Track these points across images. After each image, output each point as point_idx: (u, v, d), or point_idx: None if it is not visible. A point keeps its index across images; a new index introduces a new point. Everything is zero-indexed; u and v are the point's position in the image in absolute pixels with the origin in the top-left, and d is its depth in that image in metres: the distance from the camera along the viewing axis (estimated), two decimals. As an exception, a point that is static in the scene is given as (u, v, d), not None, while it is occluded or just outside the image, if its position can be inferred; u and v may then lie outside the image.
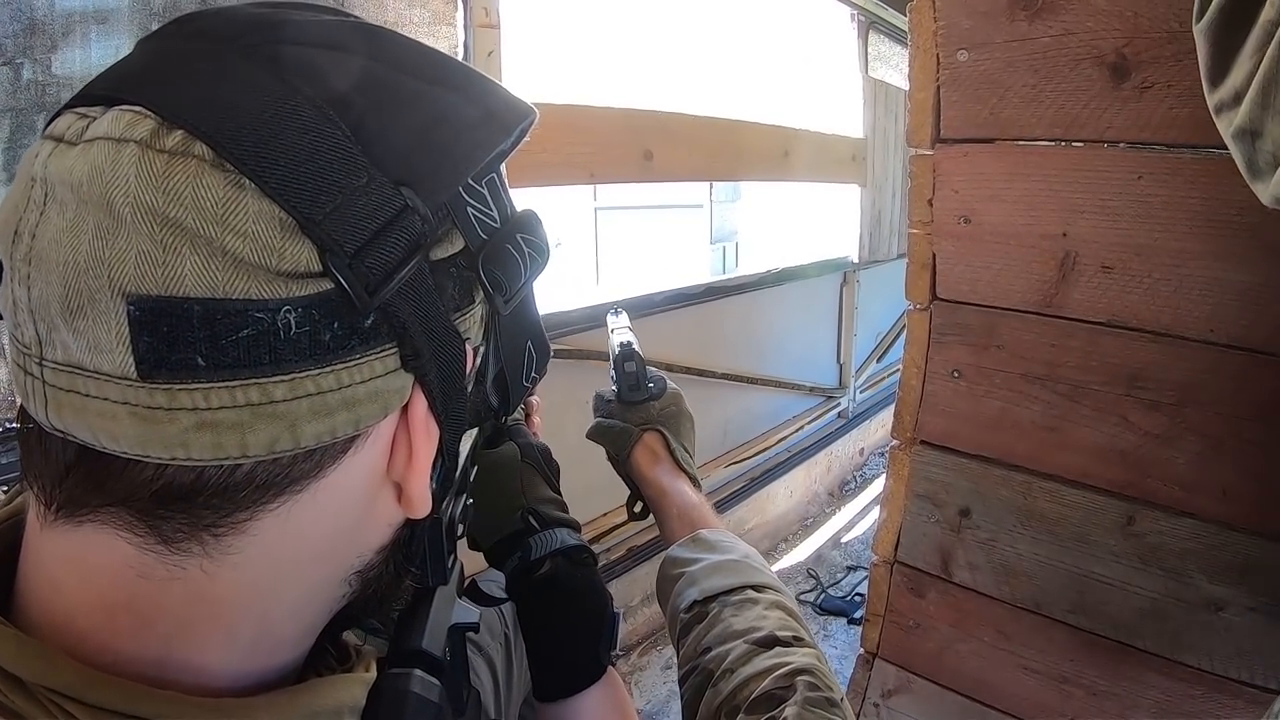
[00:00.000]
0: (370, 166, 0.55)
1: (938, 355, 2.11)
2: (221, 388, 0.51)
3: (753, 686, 1.00)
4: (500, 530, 1.24)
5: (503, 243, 0.67)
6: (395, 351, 0.58)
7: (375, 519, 0.67)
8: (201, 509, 0.54)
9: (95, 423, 0.51)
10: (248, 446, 0.52)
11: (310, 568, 0.63)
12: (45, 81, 1.89)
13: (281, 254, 0.51)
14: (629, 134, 3.82)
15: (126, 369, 0.50)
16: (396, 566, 0.72)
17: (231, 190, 0.50)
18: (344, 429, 0.56)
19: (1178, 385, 1.77)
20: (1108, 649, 1.96)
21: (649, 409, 1.52)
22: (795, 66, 8.35)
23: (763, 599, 1.16)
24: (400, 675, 0.71)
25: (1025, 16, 1.81)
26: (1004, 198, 1.92)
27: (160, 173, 0.49)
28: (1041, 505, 1.99)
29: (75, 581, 0.56)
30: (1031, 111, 1.85)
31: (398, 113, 0.59)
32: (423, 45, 0.67)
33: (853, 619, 4.15)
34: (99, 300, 0.49)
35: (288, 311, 0.51)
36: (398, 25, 2.53)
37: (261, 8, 0.64)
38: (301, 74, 0.56)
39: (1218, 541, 1.77)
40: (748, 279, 5.02)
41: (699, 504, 1.39)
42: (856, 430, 6.22)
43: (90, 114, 0.54)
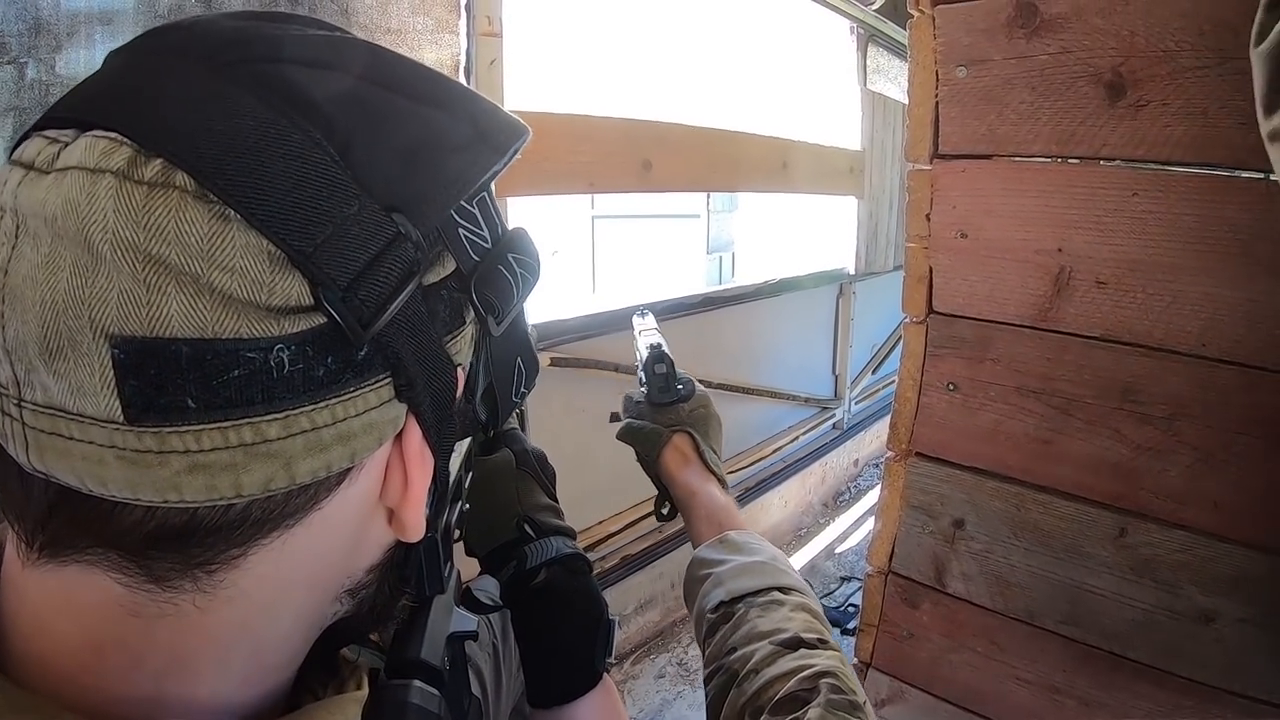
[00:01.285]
0: (360, 193, 0.53)
1: (933, 368, 2.12)
2: (214, 429, 0.49)
3: (777, 687, 1.00)
4: (496, 538, 1.24)
5: (495, 264, 0.66)
6: (389, 382, 0.57)
7: (367, 543, 0.66)
8: (194, 548, 0.53)
9: (81, 466, 0.49)
10: (242, 486, 0.51)
11: (303, 594, 0.62)
12: (49, 81, 1.89)
13: (272, 289, 0.50)
14: (628, 144, 3.82)
15: (113, 413, 0.48)
16: (390, 586, 0.71)
17: (217, 223, 0.48)
18: (339, 463, 0.55)
19: (1170, 399, 1.78)
20: (1100, 660, 1.97)
21: (678, 410, 1.53)
22: (794, 79, 8.38)
23: (789, 601, 1.17)
24: (399, 686, 0.70)
25: (1024, 34, 1.83)
26: (1000, 213, 1.94)
27: (140, 206, 0.47)
28: (1035, 517, 2.01)
29: (62, 621, 0.54)
30: (1029, 128, 1.86)
31: (387, 135, 0.57)
32: (412, 62, 0.65)
33: (846, 629, 4.14)
34: (80, 342, 0.47)
35: (280, 350, 0.50)
36: (401, 33, 2.53)
37: (243, 20, 0.61)
38: (287, 95, 0.54)
39: (1209, 554, 1.79)
40: (744, 290, 5.02)
41: (727, 506, 1.39)
42: (851, 441, 6.22)
43: (61, 138, 0.52)
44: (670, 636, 4.11)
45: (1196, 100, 1.65)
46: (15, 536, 0.55)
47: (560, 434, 1.51)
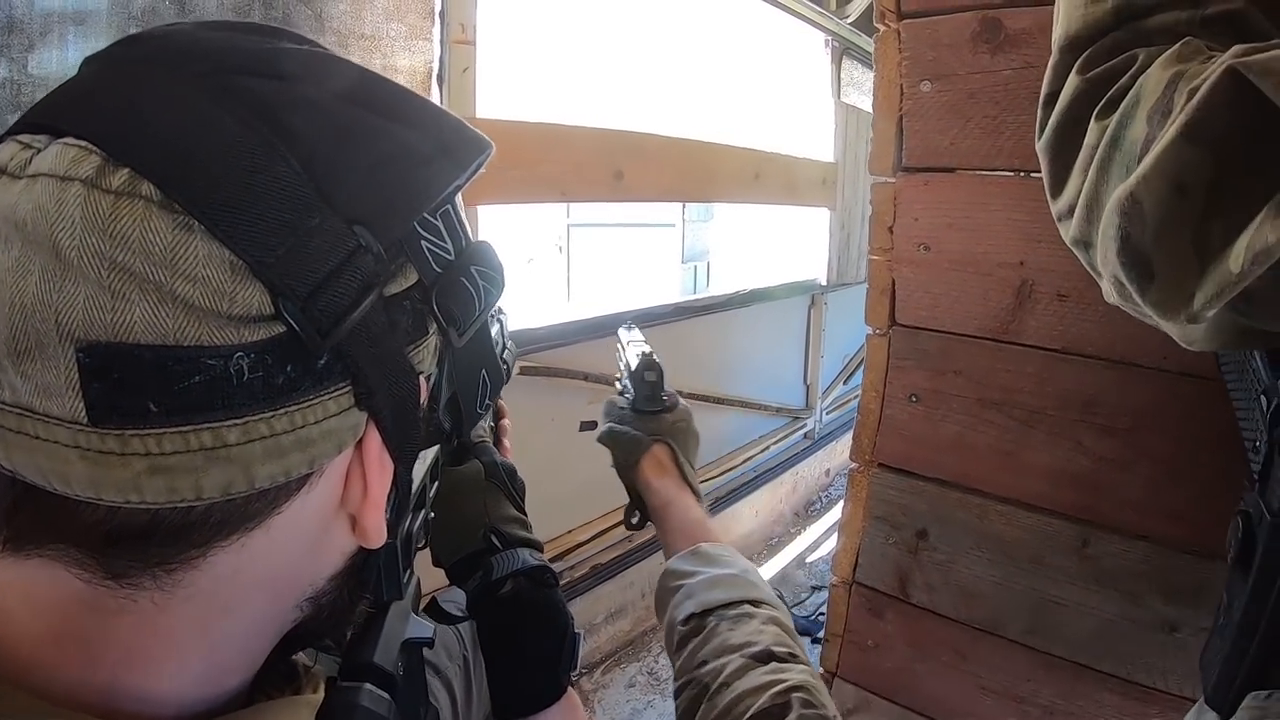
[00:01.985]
0: (322, 205, 0.54)
1: (896, 379, 2.13)
2: (174, 432, 0.50)
3: (749, 702, 1.00)
4: (462, 548, 1.25)
5: (457, 276, 0.67)
6: (349, 390, 0.58)
7: (329, 549, 0.67)
8: (155, 548, 0.54)
9: (45, 464, 0.50)
10: (202, 489, 0.52)
11: (262, 598, 0.63)
12: (21, 81, 1.89)
13: (233, 298, 0.51)
14: (601, 153, 3.84)
15: (77, 414, 0.49)
16: (350, 592, 0.72)
17: (180, 233, 0.50)
18: (298, 469, 0.56)
19: (1131, 411, 1.79)
20: (1064, 669, 1.97)
21: (661, 421, 1.54)
22: (769, 91, 8.39)
23: (759, 614, 1.17)
24: (349, 689, 0.70)
25: (988, 49, 1.84)
26: (963, 226, 1.95)
27: (106, 215, 0.49)
28: (998, 528, 2.01)
29: (22, 611, 0.55)
30: (992, 142, 1.87)
31: (350, 148, 0.58)
32: (379, 77, 0.66)
33: (817, 638, 4.10)
34: (47, 345, 0.48)
35: (240, 358, 0.51)
36: (375, 39, 2.53)
37: (217, 31, 0.63)
38: (254, 108, 0.55)
39: (1171, 564, 1.79)
40: (716, 299, 5.05)
41: (701, 519, 1.40)
42: (822, 451, 6.26)
43: (34, 144, 0.53)
44: (640, 646, 4.11)
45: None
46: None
47: (530, 443, 1.51)
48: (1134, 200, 0.77)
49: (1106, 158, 0.89)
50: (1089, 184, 0.91)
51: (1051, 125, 1.01)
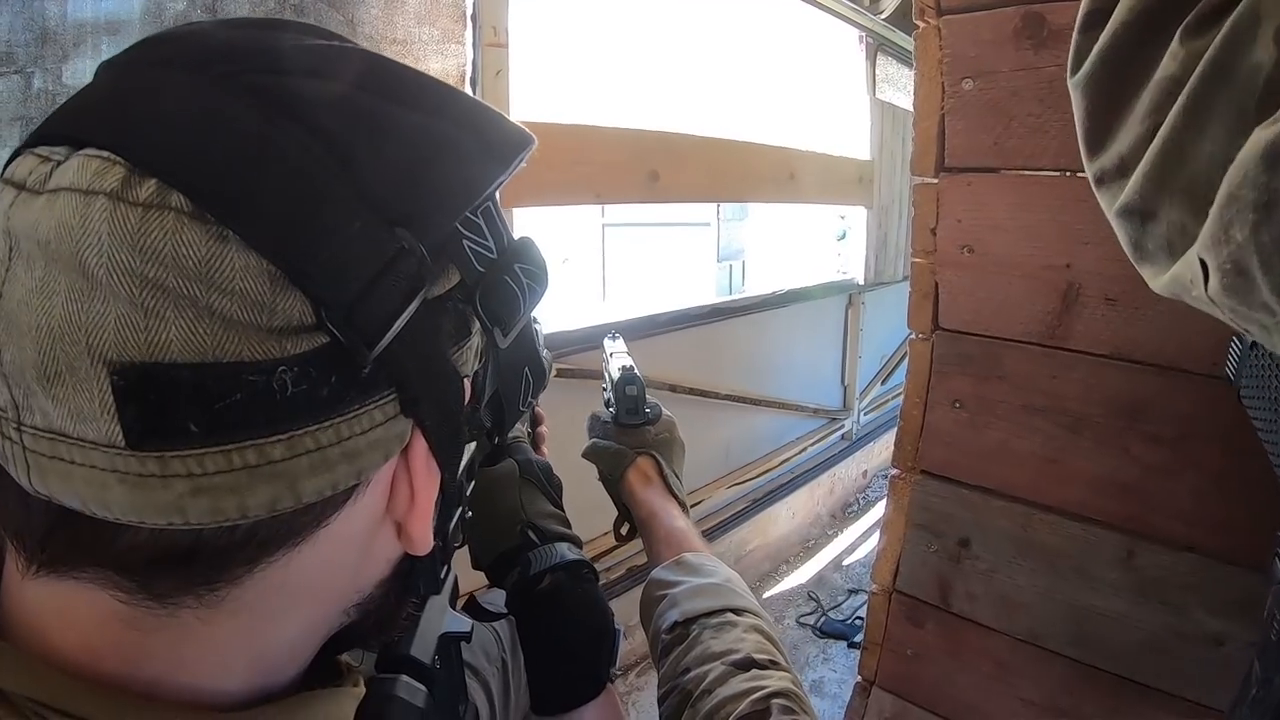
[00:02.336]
0: (362, 208, 0.52)
1: (939, 385, 2.10)
2: (216, 452, 0.48)
3: (730, 708, 1.01)
4: (500, 546, 1.24)
5: (500, 274, 0.64)
6: (394, 398, 0.56)
7: (375, 557, 0.65)
8: (199, 568, 0.52)
9: (84, 490, 0.48)
10: (247, 508, 0.50)
11: (308, 608, 0.62)
12: (56, 91, 1.90)
13: (272, 310, 0.48)
14: (635, 154, 3.83)
15: (114, 438, 0.46)
16: (397, 597, 0.71)
17: (214, 245, 0.47)
18: (346, 481, 0.54)
19: (1180, 418, 1.76)
20: (1106, 682, 1.95)
21: (644, 433, 1.54)
22: (803, 88, 8.38)
23: (742, 622, 1.17)
24: (386, 680, 0.70)
25: (1031, 45, 1.81)
26: (1008, 228, 1.92)
27: (135, 229, 0.46)
28: (1041, 537, 1.98)
29: (58, 628, 0.54)
30: (1036, 141, 1.84)
31: (389, 147, 0.56)
32: (414, 70, 0.64)
33: (853, 643, 4.13)
34: (78, 368, 0.46)
35: (283, 372, 0.49)
36: (406, 44, 2.53)
37: (238, 29, 0.60)
38: (285, 107, 0.52)
39: (1218, 576, 1.76)
40: (753, 300, 5.03)
41: (686, 529, 1.40)
42: (860, 452, 6.22)
43: (53, 156, 0.50)
44: (676, 650, 4.10)
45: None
46: (15, 552, 0.54)
47: (566, 446, 1.50)
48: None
49: (1202, 94, 0.69)
50: (1168, 130, 0.72)
51: (1100, 52, 0.81)
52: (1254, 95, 0.64)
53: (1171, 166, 0.72)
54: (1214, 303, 0.69)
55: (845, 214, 6.11)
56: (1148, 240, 0.79)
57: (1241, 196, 0.61)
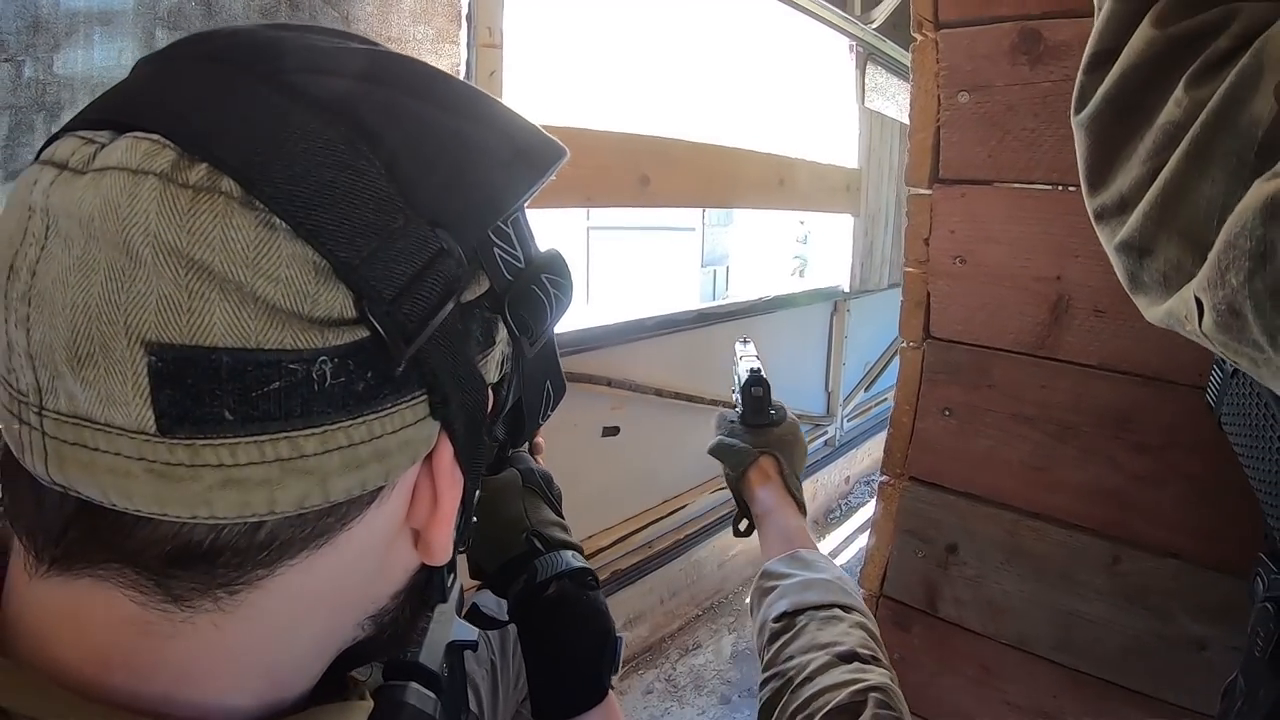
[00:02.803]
0: (406, 207, 0.52)
1: (929, 393, 2.12)
2: (250, 442, 0.47)
3: (829, 697, 1.04)
4: (505, 553, 1.25)
5: (528, 284, 0.64)
6: (425, 399, 0.55)
7: (392, 566, 0.65)
8: (219, 568, 0.51)
9: (106, 479, 0.47)
10: (276, 503, 0.49)
11: (325, 617, 0.61)
12: (46, 80, 1.89)
13: (315, 300, 0.48)
14: (626, 158, 3.84)
15: (144, 423, 0.46)
16: (412, 610, 0.70)
17: (263, 231, 0.47)
18: (374, 481, 0.54)
19: (1166, 428, 1.78)
20: (1091, 686, 1.96)
21: (769, 434, 1.60)
22: (792, 96, 8.41)
23: (848, 618, 1.22)
24: (396, 687, 0.71)
25: (1027, 61, 1.83)
26: (1000, 239, 1.93)
27: (185, 210, 0.46)
28: (1028, 544, 2.00)
29: (67, 633, 0.52)
30: (1030, 155, 1.86)
31: (431, 150, 0.56)
32: (454, 78, 0.64)
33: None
34: (113, 349, 0.45)
35: (323, 362, 0.48)
36: (401, 43, 2.53)
37: (285, 30, 0.59)
38: (333, 107, 0.53)
39: (1200, 581, 1.78)
40: (738, 305, 5.06)
41: (800, 527, 1.45)
42: (843, 458, 6.24)
43: (98, 139, 0.50)
44: (659, 652, 4.10)
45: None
46: (23, 549, 0.53)
47: (551, 449, 1.51)
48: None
49: (1204, 141, 0.71)
50: (1170, 173, 0.74)
51: (1105, 94, 0.83)
52: (1253, 145, 0.66)
53: (1171, 207, 0.74)
54: (1206, 337, 0.72)
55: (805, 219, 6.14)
56: (1144, 274, 0.81)
57: (1239, 245, 0.64)
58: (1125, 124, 0.80)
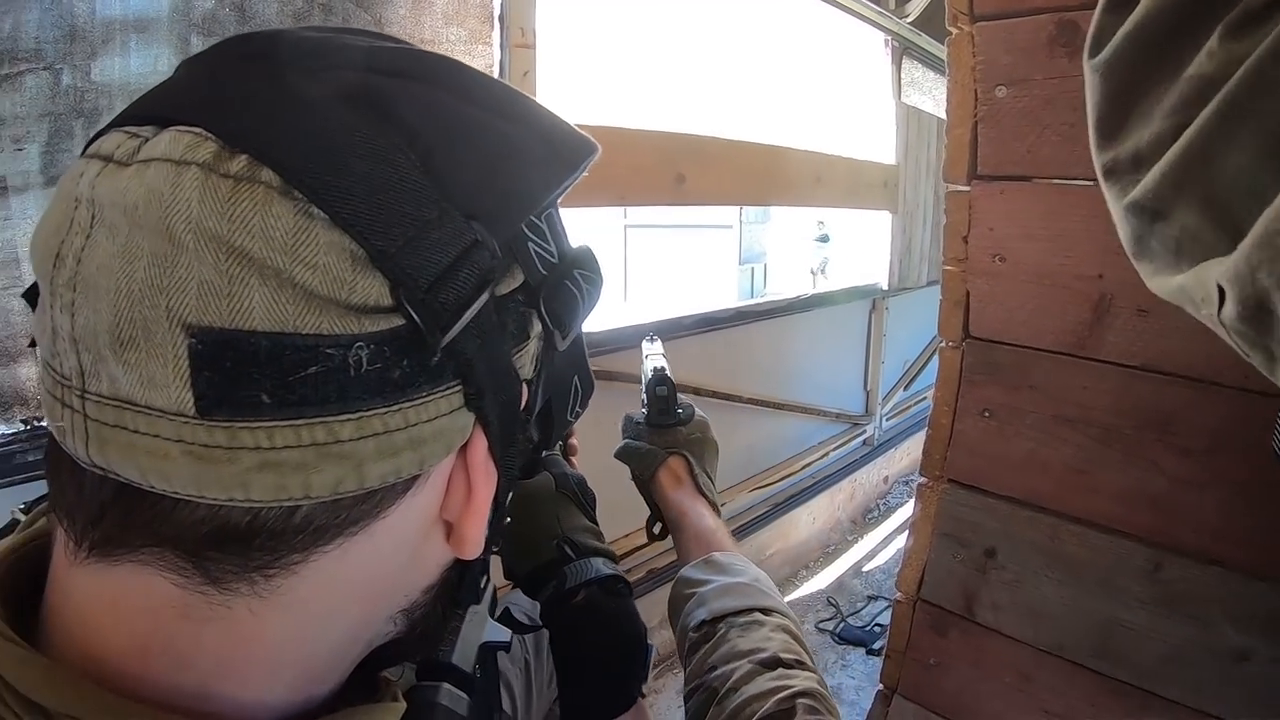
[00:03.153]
0: (441, 199, 0.53)
1: (969, 394, 2.09)
2: (287, 426, 0.48)
3: (755, 706, 1.01)
4: (536, 559, 1.25)
5: (561, 279, 0.66)
6: (460, 390, 0.56)
7: (425, 559, 0.65)
8: (255, 551, 0.52)
9: (145, 461, 0.48)
10: (311, 487, 0.50)
11: (358, 608, 0.62)
12: (84, 88, 1.93)
13: (352, 287, 0.49)
14: (662, 156, 3.84)
15: (184, 405, 0.47)
16: (443, 607, 0.71)
17: (302, 219, 0.48)
18: (409, 469, 0.55)
19: (1210, 432, 1.74)
20: (1130, 695, 1.93)
21: (676, 434, 1.56)
22: (828, 91, 8.40)
23: (769, 622, 1.19)
24: (429, 687, 0.71)
25: (1065, 53, 1.80)
26: (1040, 237, 1.90)
27: (225, 198, 0.47)
28: (1068, 548, 1.97)
29: (108, 621, 0.53)
30: (1070, 150, 1.83)
31: (466, 145, 0.57)
32: (486, 75, 0.65)
33: (871, 649, 4.12)
34: (155, 332, 0.46)
35: (359, 348, 0.49)
36: (434, 44, 2.54)
37: (324, 31, 0.61)
38: (371, 102, 0.54)
39: (1245, 590, 1.75)
40: (777, 304, 5.04)
41: (715, 528, 1.41)
42: (882, 458, 6.21)
43: (142, 134, 0.51)
44: (693, 653, 4.09)
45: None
46: (64, 535, 0.54)
47: (586, 447, 1.49)
48: None
49: (1238, 103, 0.62)
50: (1195, 132, 0.65)
51: (1126, 35, 0.72)
52: None
53: (1193, 170, 0.67)
54: (1224, 325, 0.65)
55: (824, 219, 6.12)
56: (1154, 239, 0.73)
57: (1276, 245, 0.57)
58: (1147, 72, 0.71)
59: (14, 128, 1.85)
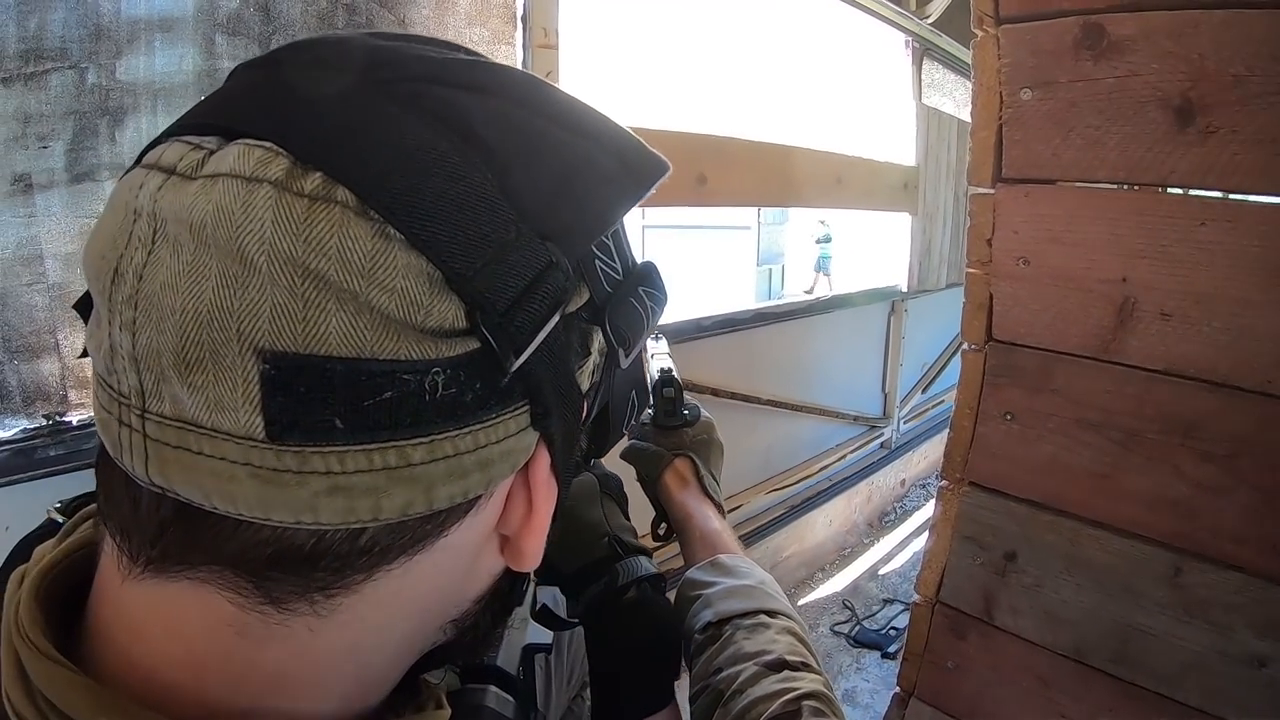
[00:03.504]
0: (518, 219, 0.51)
1: (991, 396, 2.09)
2: (359, 450, 0.47)
3: (761, 708, 1.01)
4: (586, 556, 1.25)
5: (626, 296, 0.64)
6: (527, 409, 0.55)
7: (479, 571, 0.64)
8: (319, 572, 0.51)
9: (209, 483, 0.46)
10: (381, 510, 0.49)
11: (412, 622, 0.61)
12: (109, 86, 1.93)
13: (429, 311, 0.48)
14: (683, 157, 3.82)
15: (253, 429, 0.45)
16: (494, 615, 0.70)
17: (379, 242, 0.46)
18: (475, 490, 0.53)
19: (1232, 436, 1.74)
20: (1148, 700, 1.93)
21: (682, 435, 1.54)
22: (849, 93, 8.40)
23: (775, 624, 1.18)
24: (476, 690, 0.71)
25: (1090, 56, 1.79)
26: (1064, 240, 1.90)
27: (301, 219, 0.45)
28: (1089, 553, 1.97)
29: (162, 637, 0.52)
30: (1094, 154, 1.83)
31: (541, 163, 0.55)
32: (557, 89, 0.63)
33: (887, 653, 4.11)
34: (224, 355, 0.45)
35: (436, 374, 0.48)
36: (456, 44, 2.54)
37: (390, 39, 0.59)
38: (445, 117, 0.52)
39: (1265, 596, 1.74)
40: (796, 305, 5.04)
41: (721, 530, 1.41)
42: (899, 461, 6.19)
43: (205, 144, 0.50)
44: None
45: (1267, 128, 1.60)
46: (117, 550, 0.52)
47: (611, 449, 1.50)
48: None
49: None
50: None
51: None
52: None
53: None
54: None
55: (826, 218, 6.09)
56: None
57: None
58: None
59: (39, 125, 1.86)
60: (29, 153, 1.86)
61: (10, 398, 1.93)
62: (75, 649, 0.53)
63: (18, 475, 1.93)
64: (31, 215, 1.87)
